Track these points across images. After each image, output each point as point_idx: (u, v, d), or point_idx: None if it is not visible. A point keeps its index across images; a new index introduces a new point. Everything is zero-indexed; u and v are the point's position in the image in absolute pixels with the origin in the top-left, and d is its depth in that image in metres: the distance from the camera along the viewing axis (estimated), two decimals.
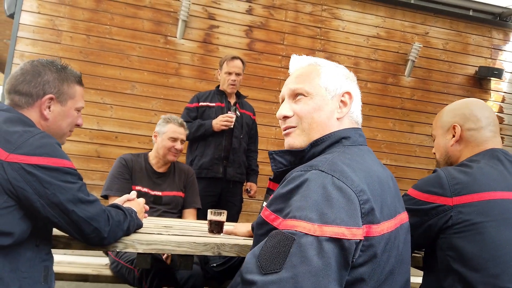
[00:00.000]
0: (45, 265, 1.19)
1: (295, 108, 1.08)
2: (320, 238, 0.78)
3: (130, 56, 4.01)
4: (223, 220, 1.64)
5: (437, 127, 1.49)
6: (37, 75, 1.24)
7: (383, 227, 0.89)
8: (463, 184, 1.23)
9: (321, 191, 0.82)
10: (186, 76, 4.13)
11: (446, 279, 1.21)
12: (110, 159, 3.89)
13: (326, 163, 0.89)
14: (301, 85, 1.08)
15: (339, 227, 0.79)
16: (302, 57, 1.16)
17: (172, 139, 2.41)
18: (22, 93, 1.22)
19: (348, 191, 0.84)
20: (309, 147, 1.03)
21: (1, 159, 1.06)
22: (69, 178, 1.13)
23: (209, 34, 4.21)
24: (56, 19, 3.87)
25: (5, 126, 1.11)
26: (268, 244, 0.81)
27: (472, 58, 4.82)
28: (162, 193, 2.40)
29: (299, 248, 0.77)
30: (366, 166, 0.94)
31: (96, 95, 3.91)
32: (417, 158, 4.64)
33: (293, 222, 0.80)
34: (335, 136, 1.03)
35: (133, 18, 4.04)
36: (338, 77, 1.09)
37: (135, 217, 1.39)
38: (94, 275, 2.33)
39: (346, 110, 1.07)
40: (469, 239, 1.18)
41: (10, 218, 1.08)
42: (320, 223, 0.79)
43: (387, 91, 4.60)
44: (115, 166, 2.37)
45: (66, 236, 1.24)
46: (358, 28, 4.56)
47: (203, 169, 2.93)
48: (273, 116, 4.27)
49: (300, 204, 0.82)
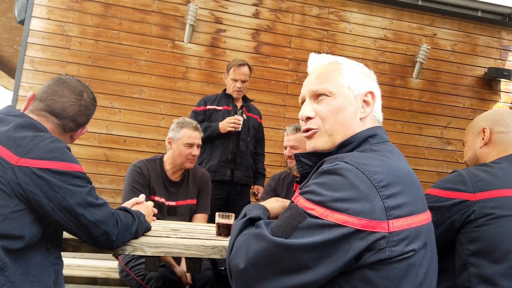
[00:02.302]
0: (55, 269, 1.20)
1: (317, 109, 1.04)
2: (332, 223, 0.81)
3: (138, 60, 4.05)
4: (231, 223, 1.64)
5: (468, 132, 1.53)
6: (91, 110, 1.36)
7: (417, 220, 0.87)
8: (485, 181, 1.25)
9: (342, 181, 0.83)
10: (193, 80, 4.16)
11: (461, 274, 1.22)
12: (119, 163, 3.92)
13: (352, 156, 0.89)
14: (323, 85, 1.04)
15: (351, 216, 0.80)
16: (321, 55, 1.12)
17: (188, 145, 2.28)
18: (77, 122, 1.32)
19: (368, 184, 0.83)
20: (336, 149, 1.01)
21: (12, 163, 1.08)
22: (79, 182, 1.15)
23: (216, 38, 4.23)
24: (65, 24, 3.92)
25: (16, 132, 1.12)
26: (284, 215, 0.90)
27: (481, 59, 4.78)
28: (176, 203, 2.31)
29: (309, 227, 0.83)
30: (396, 160, 0.93)
31: (105, 100, 3.94)
32: (426, 160, 4.60)
33: (308, 203, 0.85)
34: (361, 136, 1.00)
35: (141, 23, 4.08)
36: (360, 75, 1.07)
37: (144, 220, 1.40)
38: (103, 278, 2.34)
39: (369, 110, 1.04)
40: (492, 231, 1.19)
41: (21, 222, 1.09)
42: (333, 210, 0.82)
43: (395, 93, 4.57)
44: (130, 175, 2.22)
45: (75, 239, 1.25)
46: (365, 30, 4.55)
47: (211, 172, 2.93)
48: (280, 119, 4.27)
49: (320, 190, 0.85)
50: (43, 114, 1.25)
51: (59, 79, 1.31)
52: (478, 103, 4.74)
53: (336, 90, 1.03)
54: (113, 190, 3.87)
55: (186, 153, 2.28)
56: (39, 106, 1.25)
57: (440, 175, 4.59)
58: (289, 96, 4.33)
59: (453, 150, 4.66)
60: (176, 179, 2.36)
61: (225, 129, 2.87)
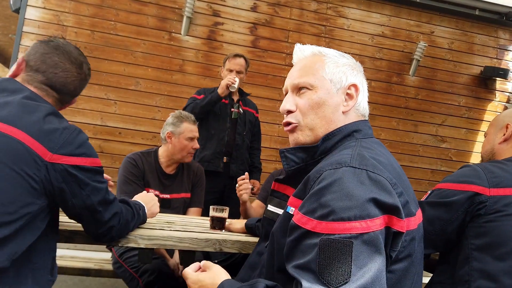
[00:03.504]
0: (53, 256, 1.18)
1: (298, 103, 1.02)
2: (374, 233, 0.75)
3: (135, 52, 4.02)
4: (225, 216, 1.65)
5: (492, 125, 1.51)
6: (88, 82, 1.29)
7: (417, 219, 0.88)
8: (500, 177, 1.24)
9: (361, 187, 0.78)
10: (190, 73, 4.14)
11: (462, 267, 1.22)
12: (114, 154, 3.90)
13: (354, 158, 0.85)
14: (304, 78, 1.02)
15: (386, 216, 0.78)
16: (306, 46, 1.09)
17: (189, 139, 2.31)
18: (74, 95, 1.25)
19: (386, 183, 0.81)
20: (321, 142, 0.98)
21: (45, 160, 1.03)
22: (100, 177, 1.15)
23: (213, 31, 4.21)
24: (61, 14, 3.88)
25: (45, 123, 1.05)
26: (324, 256, 0.73)
27: (478, 58, 4.79)
28: (170, 195, 2.32)
29: (359, 250, 0.73)
30: (387, 158, 0.91)
31: (100, 91, 3.92)
32: (420, 157, 4.63)
33: (344, 225, 0.74)
34: (346, 130, 0.98)
35: (138, 14, 4.04)
36: (344, 67, 1.03)
37: (142, 214, 1.40)
38: (96, 270, 2.34)
39: (352, 103, 1.02)
40: (500, 229, 1.19)
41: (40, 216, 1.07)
42: (369, 218, 0.75)
43: (391, 90, 4.58)
44: (124, 167, 2.23)
45: (68, 230, 1.25)
46: (363, 27, 4.54)
47: (204, 161, 2.94)
48: (277, 114, 4.27)
49: (343, 204, 0.76)
50: (43, 88, 1.16)
51: (57, 46, 1.19)
52: (473, 102, 4.77)
53: (318, 83, 1.01)
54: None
55: (188, 148, 2.30)
56: (38, 78, 1.16)
57: (434, 172, 4.62)
58: None
59: (447, 148, 4.69)
60: (171, 172, 2.36)
61: (223, 86, 2.86)
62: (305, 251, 0.76)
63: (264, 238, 1.15)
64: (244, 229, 1.64)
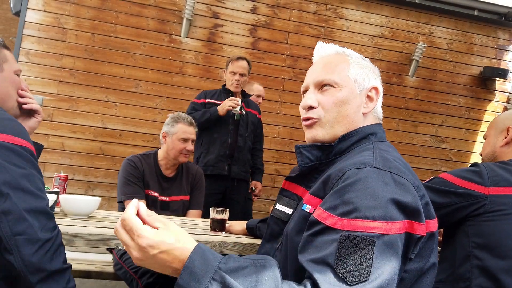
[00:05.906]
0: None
1: (321, 99, 1.02)
2: (394, 236, 0.75)
3: (135, 54, 4.03)
4: (225, 218, 1.65)
5: (491, 127, 1.52)
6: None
7: (435, 222, 0.89)
8: (501, 177, 1.26)
9: (385, 188, 0.79)
10: (190, 75, 4.15)
11: (462, 265, 1.24)
12: (115, 157, 3.91)
13: (378, 160, 0.86)
14: (330, 76, 1.02)
15: (407, 221, 0.79)
16: (328, 45, 1.09)
17: (183, 140, 2.32)
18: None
19: (409, 186, 0.83)
20: (337, 143, 0.99)
21: None
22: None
23: (213, 33, 4.22)
24: (61, 17, 3.89)
25: None
26: (344, 251, 0.73)
27: (477, 58, 4.80)
28: (170, 198, 2.33)
29: (380, 250, 0.73)
30: (402, 161, 0.93)
31: (101, 93, 3.93)
32: (420, 158, 4.63)
33: (368, 223, 0.75)
34: (363, 132, 0.99)
35: (138, 17, 4.06)
36: (366, 70, 1.05)
37: None
38: (97, 272, 2.34)
39: (372, 105, 1.03)
40: (500, 227, 1.21)
41: None
42: (391, 220, 0.76)
43: (391, 91, 4.58)
44: (124, 169, 2.25)
45: (68, 233, 1.26)
46: (363, 28, 4.55)
47: (209, 166, 2.94)
48: (277, 115, 4.28)
49: (368, 203, 0.76)
50: None
51: None
52: (473, 102, 4.77)
53: (343, 82, 1.01)
54: (108, 184, 3.86)
55: (180, 148, 2.30)
56: None
57: (434, 173, 4.62)
58: (286, 92, 4.33)
59: (447, 148, 4.69)
60: (170, 174, 2.37)
61: (224, 109, 2.87)
62: (322, 246, 0.76)
63: (269, 238, 1.13)
64: (245, 230, 1.64)
